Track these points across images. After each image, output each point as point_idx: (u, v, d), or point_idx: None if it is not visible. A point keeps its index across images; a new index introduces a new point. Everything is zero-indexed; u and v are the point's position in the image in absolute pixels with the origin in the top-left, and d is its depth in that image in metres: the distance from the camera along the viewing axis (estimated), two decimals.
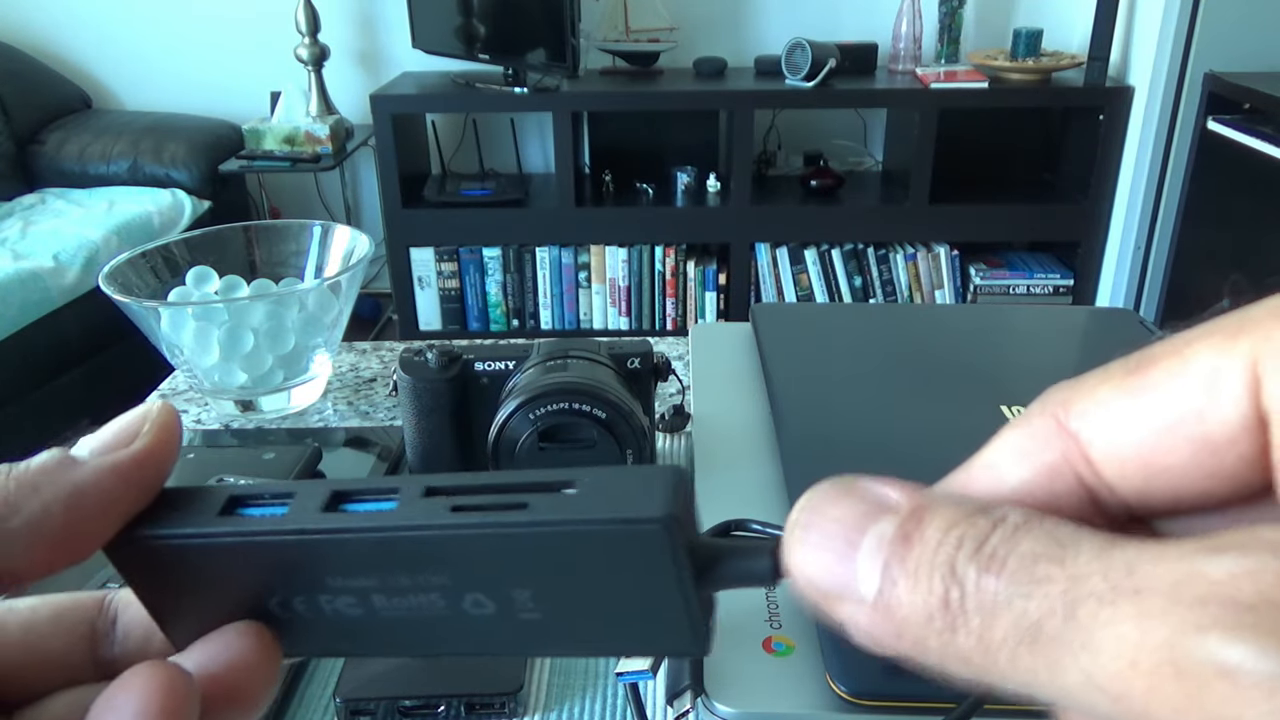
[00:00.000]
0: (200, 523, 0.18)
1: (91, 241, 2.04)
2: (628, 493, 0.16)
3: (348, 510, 0.18)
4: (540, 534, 0.17)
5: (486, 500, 0.17)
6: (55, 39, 2.63)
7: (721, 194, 2.48)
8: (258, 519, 0.18)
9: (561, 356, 0.53)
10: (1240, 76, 2.00)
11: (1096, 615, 0.11)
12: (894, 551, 0.13)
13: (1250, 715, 0.10)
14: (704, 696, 0.38)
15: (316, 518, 0.17)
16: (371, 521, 0.17)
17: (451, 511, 0.17)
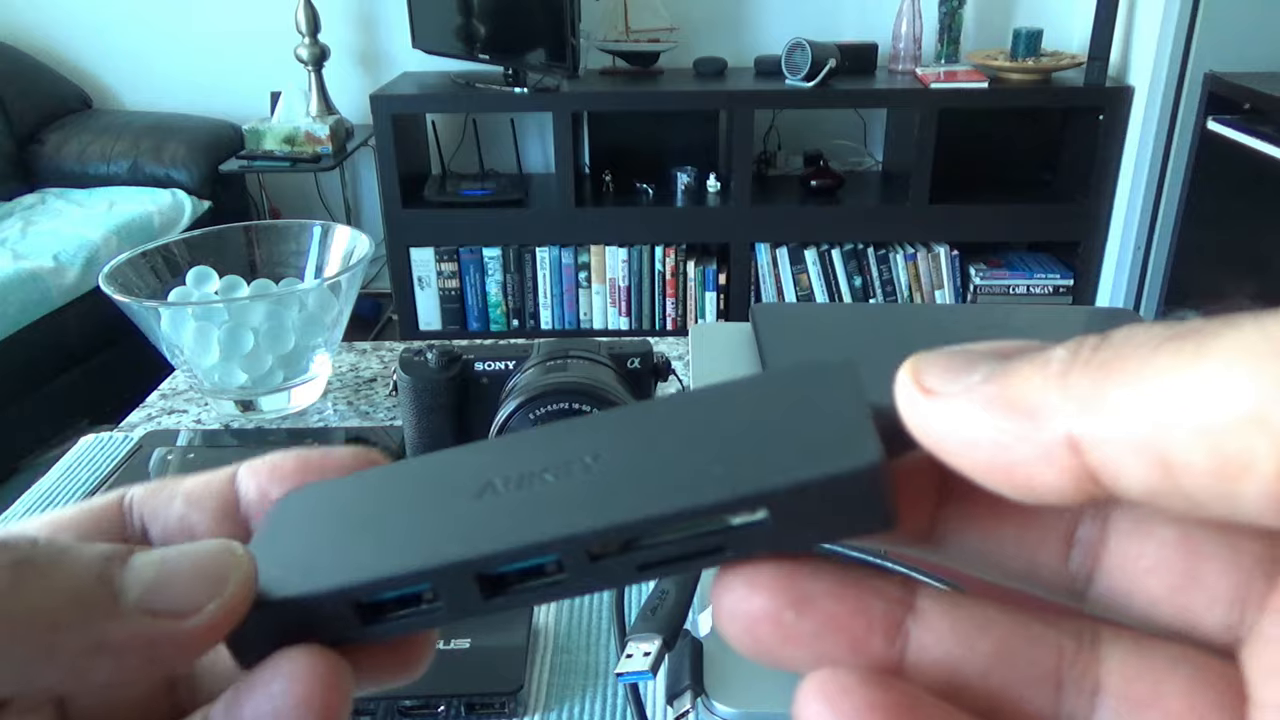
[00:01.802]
0: (336, 629, 0.16)
1: (91, 241, 2.04)
2: (831, 508, 0.14)
3: (505, 588, 0.16)
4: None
5: (674, 549, 0.15)
6: (55, 39, 2.63)
7: (721, 194, 2.48)
8: (402, 617, 0.16)
9: (561, 356, 0.53)
10: (1240, 76, 2.00)
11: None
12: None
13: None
14: (704, 696, 0.38)
15: (474, 605, 0.16)
16: (539, 594, 0.16)
17: (638, 571, 0.15)
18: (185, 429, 0.67)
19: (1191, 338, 0.11)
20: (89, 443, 0.64)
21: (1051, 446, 0.12)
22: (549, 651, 0.46)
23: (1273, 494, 0.10)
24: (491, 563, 0.15)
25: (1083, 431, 0.11)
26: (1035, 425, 0.12)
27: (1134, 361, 0.11)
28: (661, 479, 0.15)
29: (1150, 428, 0.11)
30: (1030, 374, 0.12)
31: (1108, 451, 0.11)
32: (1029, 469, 0.12)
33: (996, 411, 0.12)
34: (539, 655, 0.45)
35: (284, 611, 0.16)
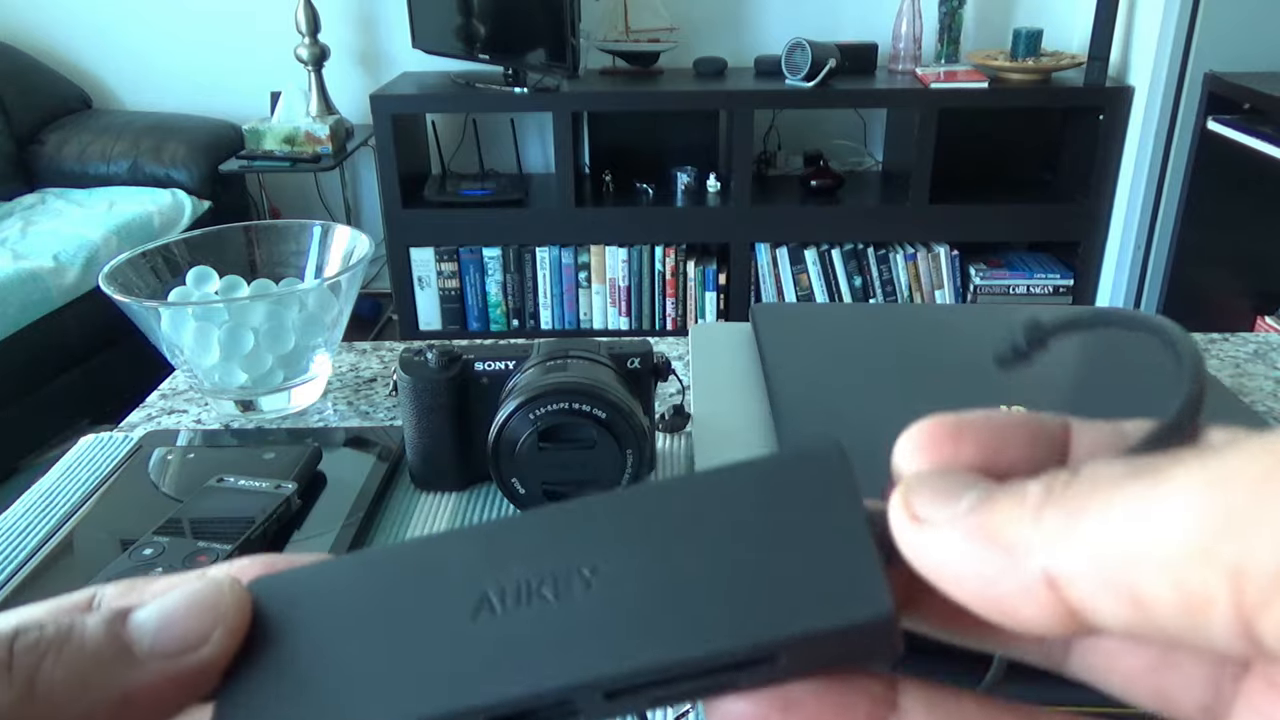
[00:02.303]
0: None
1: (91, 241, 2.04)
2: (844, 650, 0.15)
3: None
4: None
5: (688, 689, 0.15)
6: (55, 39, 2.63)
7: (721, 194, 2.48)
8: None
9: (561, 356, 0.53)
10: (1240, 76, 2.00)
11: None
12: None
13: None
14: None
15: None
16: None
17: (652, 702, 0.15)
18: (185, 429, 0.67)
19: (1148, 475, 0.12)
20: (89, 443, 0.64)
21: (1031, 583, 0.12)
22: None
23: (1236, 627, 0.11)
24: (503, 708, 0.15)
25: (1058, 569, 0.12)
26: (1014, 562, 0.12)
27: (1100, 501, 0.12)
28: (672, 616, 0.15)
29: (1118, 564, 0.11)
30: (1009, 508, 0.13)
31: (1082, 588, 0.12)
32: (1013, 603, 0.13)
33: (979, 545, 0.13)
34: None
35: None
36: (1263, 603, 0.11)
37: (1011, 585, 0.13)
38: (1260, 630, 0.11)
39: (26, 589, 0.48)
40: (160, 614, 0.16)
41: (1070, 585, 0.12)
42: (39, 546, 0.53)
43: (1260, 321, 2.12)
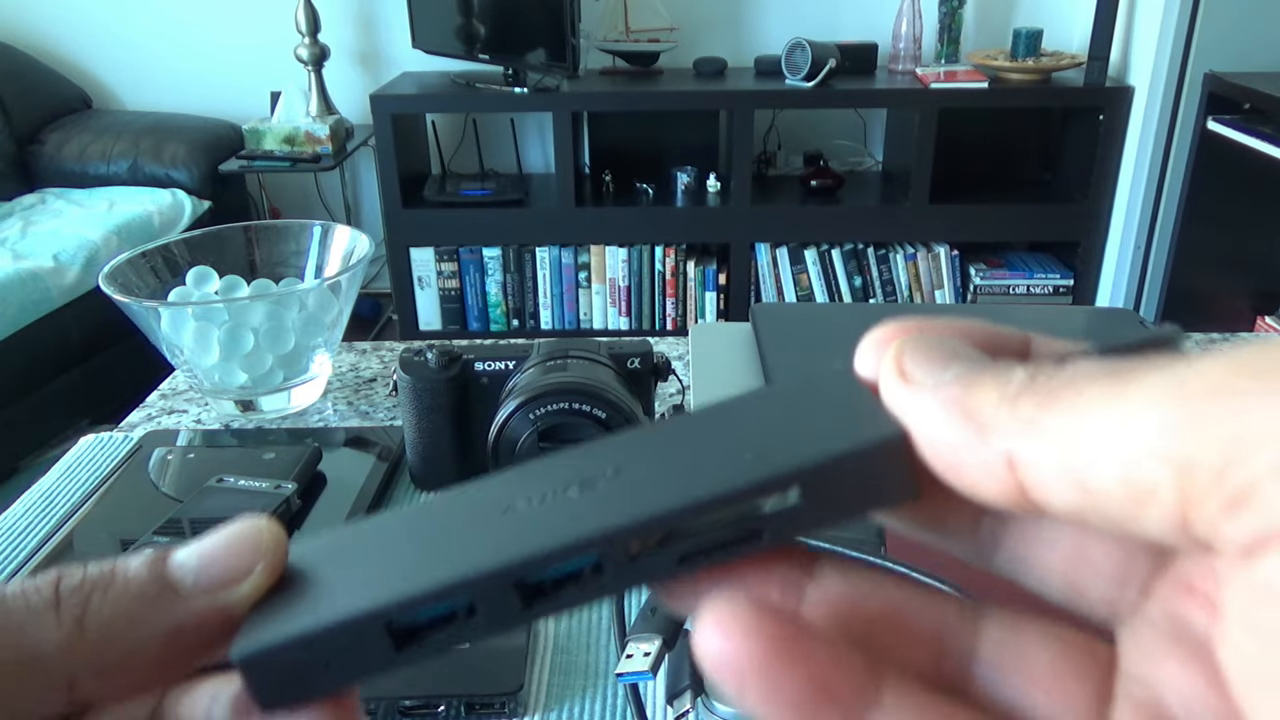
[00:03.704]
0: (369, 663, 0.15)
1: (91, 241, 2.04)
2: (860, 483, 0.15)
3: (544, 594, 0.15)
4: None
5: (713, 539, 0.15)
6: (55, 39, 2.63)
7: (721, 194, 2.48)
8: (439, 633, 0.15)
9: (561, 356, 0.53)
10: (1240, 76, 2.00)
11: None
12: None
13: None
14: (704, 696, 0.38)
15: (513, 614, 0.15)
16: (579, 596, 0.15)
17: (679, 563, 0.15)
18: (185, 429, 0.67)
19: (1122, 377, 0.13)
20: (89, 443, 0.64)
21: (992, 461, 0.13)
22: (549, 651, 0.46)
23: (1173, 518, 0.12)
24: (531, 568, 0.15)
25: (1019, 454, 0.13)
26: (982, 439, 0.13)
27: (1072, 394, 0.13)
28: (691, 473, 0.15)
29: (1075, 456, 0.12)
30: (990, 389, 0.14)
31: (1038, 473, 0.13)
32: (973, 474, 0.14)
33: (954, 417, 0.14)
34: (539, 655, 0.45)
35: (310, 647, 0.15)
36: (1202, 495, 0.11)
37: (975, 459, 0.13)
38: (1194, 519, 0.12)
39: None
40: (201, 552, 0.17)
41: (1028, 469, 0.13)
42: (39, 546, 0.53)
43: (1260, 321, 2.12)
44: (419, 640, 0.15)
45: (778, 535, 0.15)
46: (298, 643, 0.15)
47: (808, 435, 0.15)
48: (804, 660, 0.14)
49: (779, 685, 0.13)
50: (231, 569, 0.16)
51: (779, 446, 0.15)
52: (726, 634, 0.14)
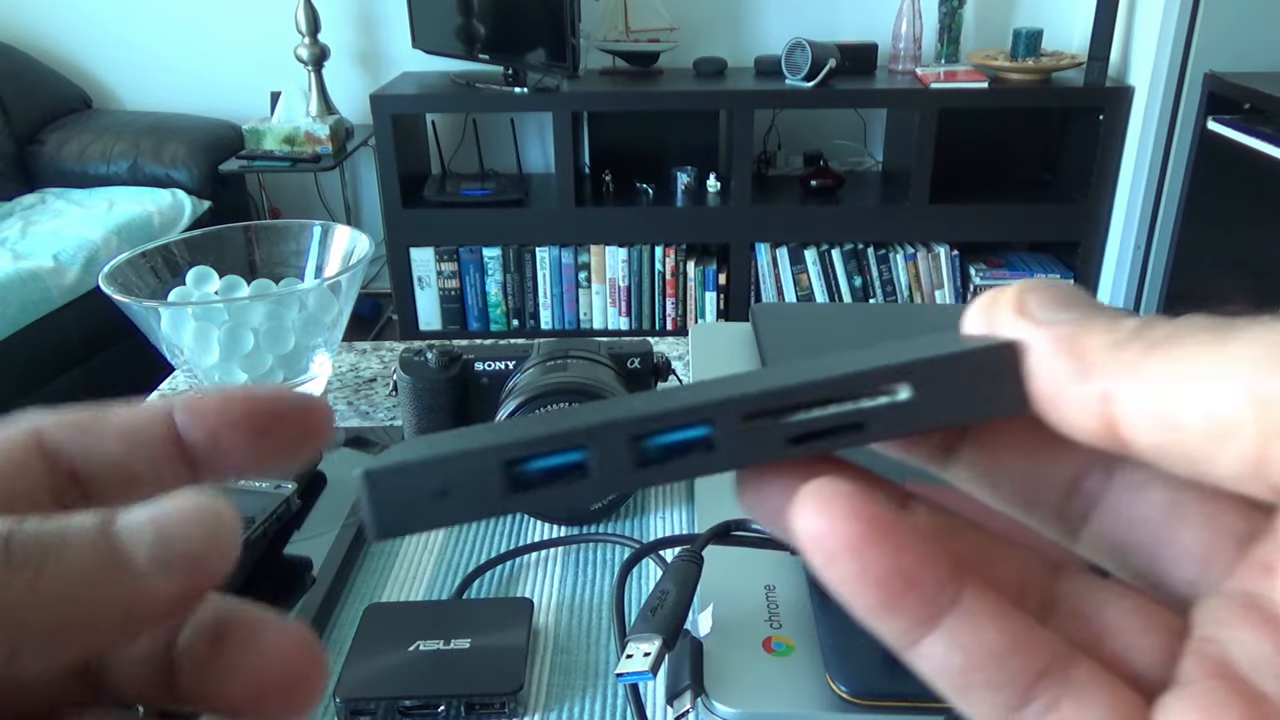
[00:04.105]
0: (482, 502, 0.16)
1: (91, 241, 2.04)
2: (971, 387, 0.15)
3: (656, 460, 0.16)
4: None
5: (823, 424, 0.16)
6: (55, 39, 2.63)
7: (721, 194, 2.48)
8: (551, 486, 0.16)
9: (561, 356, 0.53)
10: (1240, 76, 2.00)
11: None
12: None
13: None
14: (704, 696, 0.38)
15: (625, 475, 0.16)
16: (689, 468, 0.16)
17: (787, 445, 0.16)
18: None
19: (1225, 330, 0.13)
20: None
21: (1090, 398, 0.14)
22: (549, 651, 0.46)
23: (1250, 456, 0.13)
24: (651, 425, 0.15)
25: (1115, 392, 0.14)
26: (1085, 377, 0.14)
27: (1174, 342, 0.14)
28: (805, 368, 0.16)
29: (1166, 396, 0.13)
30: (1100, 333, 0.15)
31: (1130, 411, 0.14)
32: (1068, 407, 0.15)
33: (1062, 352, 0.15)
34: (539, 655, 0.45)
35: (433, 471, 0.15)
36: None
37: (1074, 394, 0.15)
38: (1270, 457, 0.12)
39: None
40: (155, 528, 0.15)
41: (1121, 406, 0.14)
42: None
43: None
44: (532, 488, 0.16)
45: (885, 429, 0.16)
46: (422, 466, 0.15)
47: (924, 345, 0.16)
48: (894, 547, 0.14)
49: (867, 567, 0.14)
50: (191, 551, 0.15)
51: (896, 350, 0.16)
52: (826, 511, 0.14)
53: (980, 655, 0.15)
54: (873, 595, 0.14)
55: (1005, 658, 0.15)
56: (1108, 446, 0.14)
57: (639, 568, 0.50)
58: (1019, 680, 0.15)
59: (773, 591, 0.43)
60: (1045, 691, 0.15)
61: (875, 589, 0.14)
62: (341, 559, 0.50)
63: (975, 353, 0.15)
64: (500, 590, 0.50)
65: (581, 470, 0.16)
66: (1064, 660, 0.15)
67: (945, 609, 0.15)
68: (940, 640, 0.15)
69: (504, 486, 0.15)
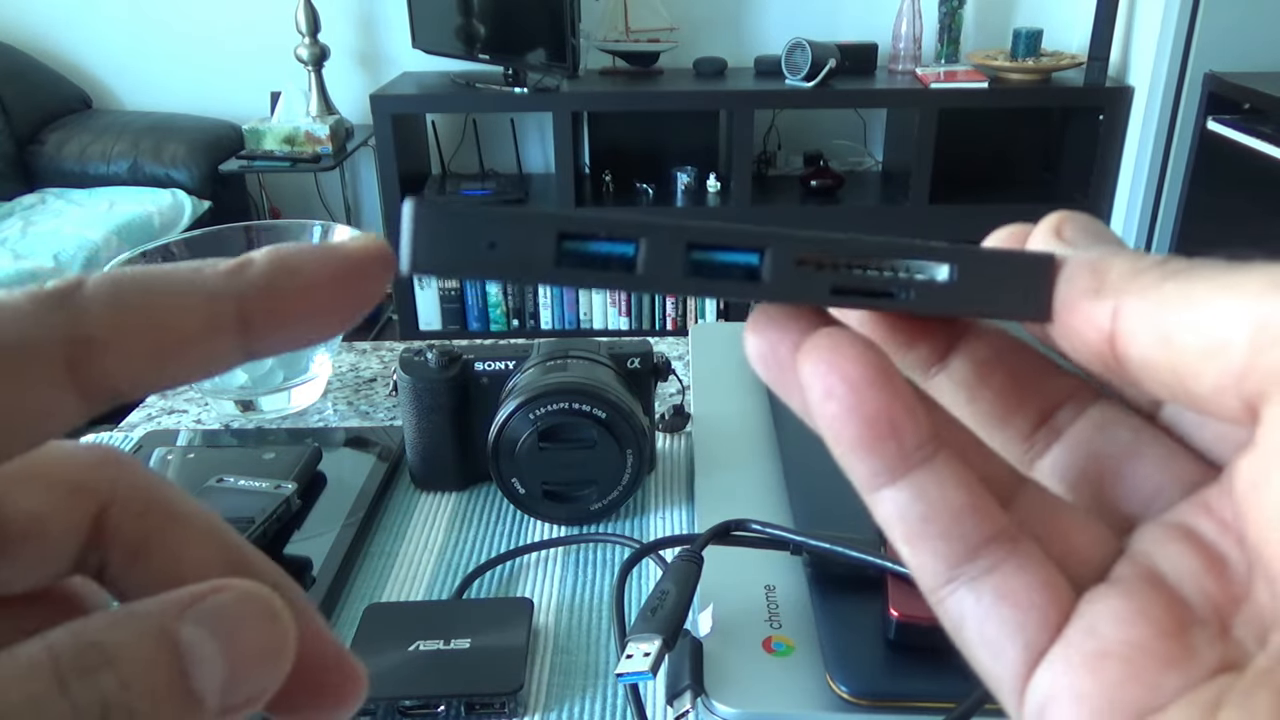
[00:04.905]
0: (529, 264, 0.15)
1: (91, 241, 2.04)
2: (1005, 285, 0.16)
3: (703, 273, 0.16)
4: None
5: (868, 283, 0.16)
6: (55, 39, 2.63)
7: (721, 194, 2.48)
8: (598, 270, 0.16)
9: (561, 356, 0.53)
10: (1240, 76, 2.00)
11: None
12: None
13: None
14: (704, 696, 0.38)
15: (672, 278, 0.16)
16: (731, 290, 0.16)
17: (830, 293, 0.16)
18: (185, 429, 0.67)
19: (1236, 269, 0.14)
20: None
21: (1101, 312, 0.15)
22: (549, 651, 0.46)
23: (1235, 370, 0.14)
24: (706, 235, 0.16)
25: (1123, 309, 0.15)
26: (1100, 295, 0.15)
27: (1189, 275, 0.15)
28: (865, 235, 0.17)
29: (1169, 315, 0.14)
30: (1125, 263, 0.15)
31: (1132, 326, 0.15)
32: (1077, 321, 0.16)
33: (1086, 272, 0.16)
34: (539, 655, 0.45)
35: (483, 222, 0.15)
36: (1269, 345, 0.13)
37: (1086, 308, 0.16)
38: (1254, 367, 0.13)
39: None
40: (230, 660, 0.14)
41: (1125, 320, 0.15)
42: None
43: None
44: (579, 266, 0.16)
45: (921, 302, 0.16)
46: (478, 214, 0.15)
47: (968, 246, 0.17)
48: (889, 394, 0.15)
49: (861, 404, 0.15)
50: (260, 693, 0.14)
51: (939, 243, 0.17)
52: (836, 351, 0.15)
53: (940, 509, 0.16)
54: (857, 432, 0.15)
55: (962, 517, 0.16)
56: (1100, 362, 0.16)
57: (639, 568, 0.50)
58: (970, 539, 0.16)
59: (773, 591, 0.43)
60: (990, 554, 0.16)
61: (861, 426, 0.15)
62: (341, 559, 0.50)
63: (1018, 255, 0.16)
64: (500, 590, 0.50)
65: (630, 264, 0.16)
66: (1013, 534, 0.16)
67: (918, 463, 0.16)
68: (907, 489, 0.16)
69: (553, 255, 0.16)
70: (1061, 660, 0.15)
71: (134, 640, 0.13)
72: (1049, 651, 0.15)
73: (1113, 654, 0.15)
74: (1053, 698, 0.15)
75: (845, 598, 0.40)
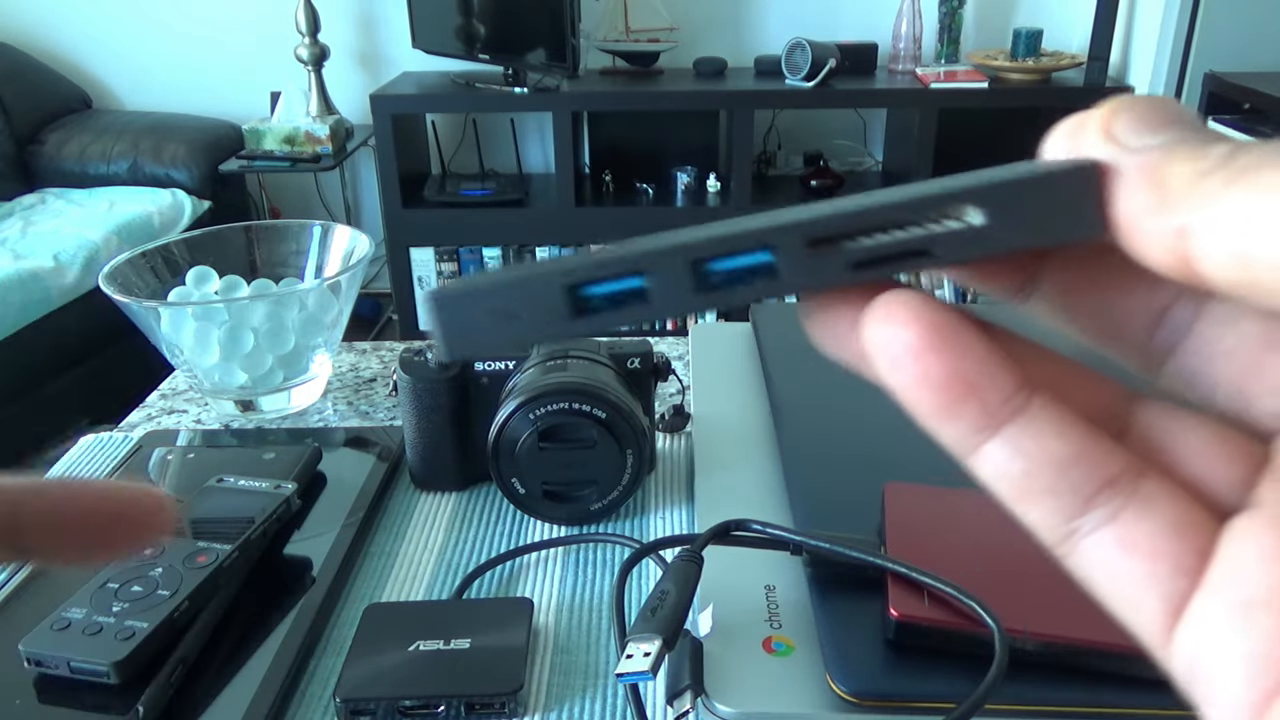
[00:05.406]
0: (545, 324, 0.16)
1: (91, 241, 2.04)
2: (1044, 209, 0.15)
3: (717, 285, 0.15)
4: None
5: (889, 249, 0.15)
6: (55, 39, 2.63)
7: (721, 194, 2.48)
8: (613, 311, 0.16)
9: (561, 356, 0.53)
10: (1240, 76, 2.00)
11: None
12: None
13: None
14: (704, 696, 0.38)
15: (685, 299, 0.15)
16: (750, 293, 0.15)
17: (852, 269, 0.15)
18: (185, 429, 0.67)
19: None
20: (89, 443, 0.64)
21: (1168, 232, 0.14)
22: (549, 651, 0.46)
23: None
24: (712, 249, 0.15)
25: (1192, 228, 0.13)
26: (1164, 210, 0.14)
27: (1256, 175, 0.13)
28: (878, 195, 0.15)
29: (1242, 235, 0.13)
30: (1186, 161, 0.14)
31: (1205, 248, 0.13)
32: (1146, 240, 0.14)
33: (1144, 183, 0.14)
34: (539, 655, 0.45)
35: (493, 296, 0.16)
36: None
37: (1152, 226, 0.14)
38: None
39: (26, 589, 0.48)
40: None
41: (1197, 243, 0.13)
42: None
43: None
44: (594, 312, 0.16)
45: (954, 253, 0.15)
46: (488, 289, 0.16)
47: (998, 173, 0.15)
48: (956, 353, 0.14)
49: (928, 371, 0.14)
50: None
51: (968, 180, 0.15)
52: (892, 318, 0.15)
53: (1042, 462, 0.15)
54: (931, 399, 0.15)
55: (1067, 466, 0.15)
56: (1186, 281, 0.14)
57: (639, 568, 0.50)
58: (1081, 489, 0.15)
59: (773, 591, 0.43)
60: (1108, 501, 0.15)
61: (934, 393, 0.14)
62: (341, 559, 0.50)
63: (1053, 174, 0.15)
64: (500, 590, 0.50)
65: (642, 295, 0.16)
66: (1133, 474, 0.15)
67: (1008, 417, 0.15)
68: (1003, 446, 0.15)
69: (568, 310, 0.16)
70: (1205, 612, 0.14)
71: None
72: (1192, 601, 0.14)
73: (1263, 602, 0.13)
74: (1199, 657, 0.14)
75: (845, 598, 0.40)
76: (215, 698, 0.41)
